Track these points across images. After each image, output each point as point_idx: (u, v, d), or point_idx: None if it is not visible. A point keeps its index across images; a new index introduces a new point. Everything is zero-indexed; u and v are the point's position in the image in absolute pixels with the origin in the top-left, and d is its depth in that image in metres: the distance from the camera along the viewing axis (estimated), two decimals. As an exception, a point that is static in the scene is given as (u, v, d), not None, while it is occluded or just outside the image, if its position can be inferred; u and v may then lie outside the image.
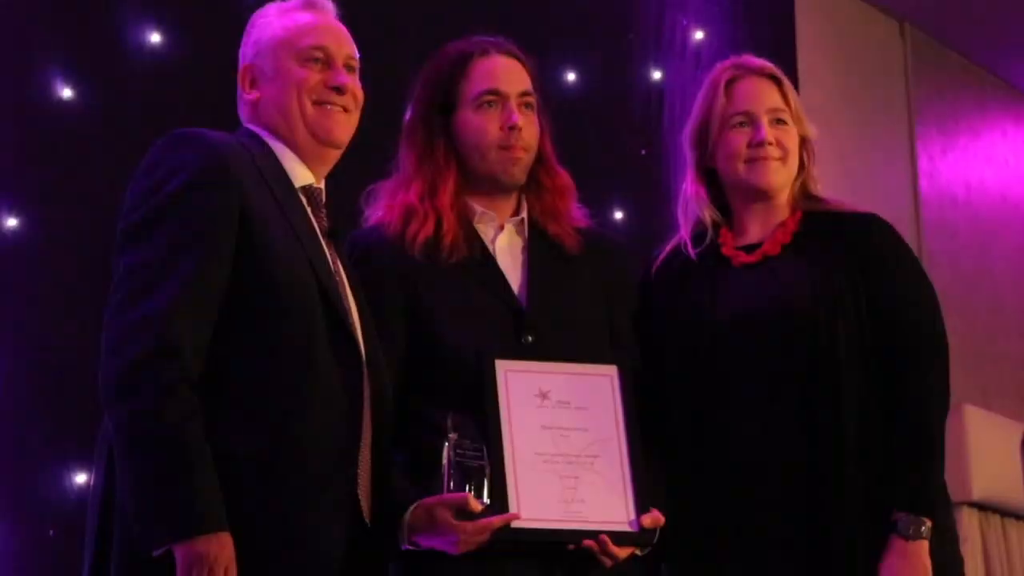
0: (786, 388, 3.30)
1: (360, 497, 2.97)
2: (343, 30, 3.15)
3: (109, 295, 2.85)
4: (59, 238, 3.93)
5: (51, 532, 3.73)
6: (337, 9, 3.16)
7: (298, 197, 3.05)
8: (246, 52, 3.15)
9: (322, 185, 3.13)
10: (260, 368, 2.86)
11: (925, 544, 3.22)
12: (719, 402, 3.34)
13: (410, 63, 3.44)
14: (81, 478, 3.74)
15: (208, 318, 2.83)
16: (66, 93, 4.08)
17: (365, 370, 3.00)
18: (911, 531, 3.21)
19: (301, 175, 3.09)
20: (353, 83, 3.12)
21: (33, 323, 3.87)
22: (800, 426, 3.28)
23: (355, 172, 3.26)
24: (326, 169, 3.14)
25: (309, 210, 3.06)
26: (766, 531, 3.27)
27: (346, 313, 3.00)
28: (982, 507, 5.93)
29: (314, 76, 3.08)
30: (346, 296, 3.04)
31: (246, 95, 3.14)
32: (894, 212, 3.59)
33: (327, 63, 3.09)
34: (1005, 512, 5.95)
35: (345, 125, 3.12)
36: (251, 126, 3.12)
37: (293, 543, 2.82)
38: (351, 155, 3.14)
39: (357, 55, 3.15)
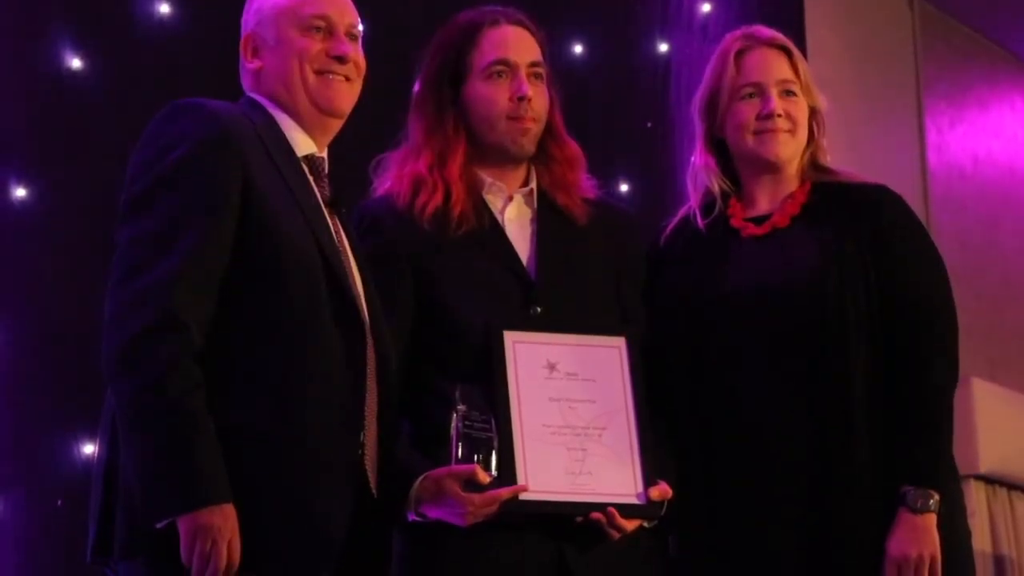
0: (794, 359, 3.27)
1: (366, 468, 2.95)
2: None
3: (111, 267, 2.83)
4: (67, 208, 3.93)
5: (58, 502, 3.72)
6: None
7: (300, 166, 3.03)
8: (248, 21, 3.12)
9: (324, 154, 3.10)
10: (262, 339, 2.84)
11: (933, 517, 3.20)
12: (727, 373, 3.31)
13: (414, 32, 3.42)
14: (88, 449, 3.74)
15: (210, 290, 2.81)
16: (75, 63, 4.06)
17: (369, 340, 2.98)
18: (919, 504, 3.19)
19: (303, 144, 3.06)
20: (355, 52, 3.09)
21: (40, 293, 3.86)
22: (808, 398, 3.26)
23: (358, 141, 3.24)
24: (328, 138, 3.11)
25: (311, 179, 3.04)
26: (773, 503, 3.25)
27: (349, 283, 2.97)
28: (989, 480, 5.94)
29: (316, 45, 3.05)
30: (349, 265, 3.02)
31: (248, 64, 3.12)
32: (902, 185, 3.55)
33: (329, 32, 3.06)
34: (1012, 485, 5.96)
35: (347, 94, 3.09)
36: (253, 95, 3.10)
37: (297, 515, 2.81)
38: (354, 124, 3.12)
39: (359, 24, 3.13)
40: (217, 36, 3.24)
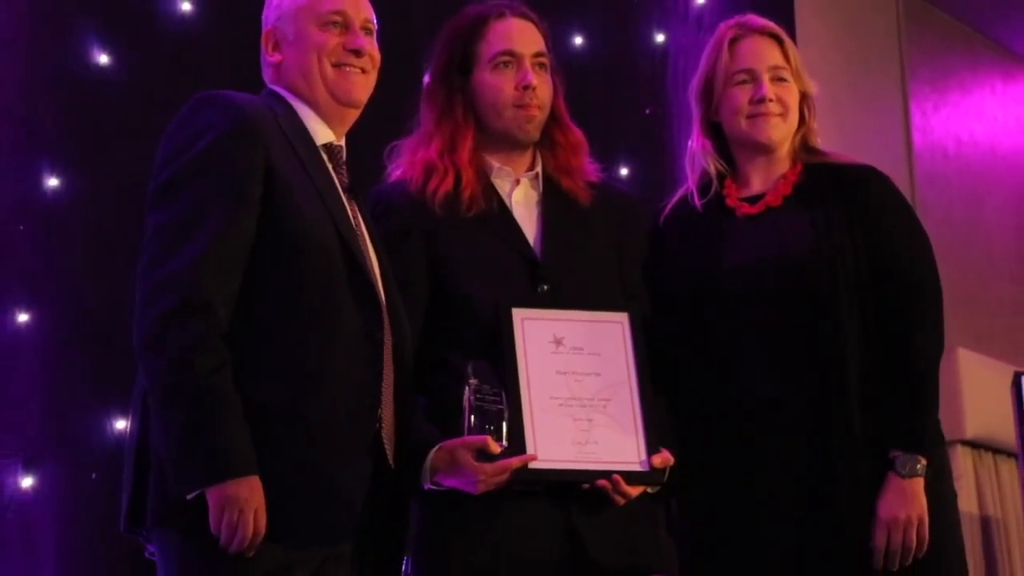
0: (789, 333, 3.28)
1: (383, 440, 2.96)
2: None
3: (141, 250, 2.83)
4: (96, 197, 3.93)
5: (93, 476, 3.71)
6: None
7: (319, 154, 3.04)
8: (268, 17, 3.13)
9: (343, 143, 3.10)
10: (285, 319, 2.85)
11: (920, 481, 3.21)
12: (725, 347, 3.32)
13: (425, 25, 3.42)
14: (120, 425, 3.74)
15: (235, 273, 2.82)
16: (103, 59, 4.06)
17: (386, 319, 2.98)
18: (907, 469, 3.20)
19: (322, 133, 3.07)
20: (370, 46, 3.10)
21: (73, 278, 3.86)
22: (802, 369, 3.26)
23: (374, 130, 3.24)
24: (346, 127, 3.11)
25: (330, 167, 3.05)
26: (772, 468, 3.25)
27: (366, 264, 2.98)
28: (975, 445, 5.93)
29: (333, 39, 3.06)
30: (366, 248, 3.03)
31: (269, 58, 3.12)
32: (888, 165, 3.56)
33: (345, 27, 3.07)
34: (997, 449, 5.95)
35: (363, 85, 3.09)
36: (274, 87, 3.10)
37: (319, 486, 2.82)
38: (370, 113, 3.12)
39: (374, 18, 3.13)
40: (238, 32, 3.25)
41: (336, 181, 3.03)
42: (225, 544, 2.71)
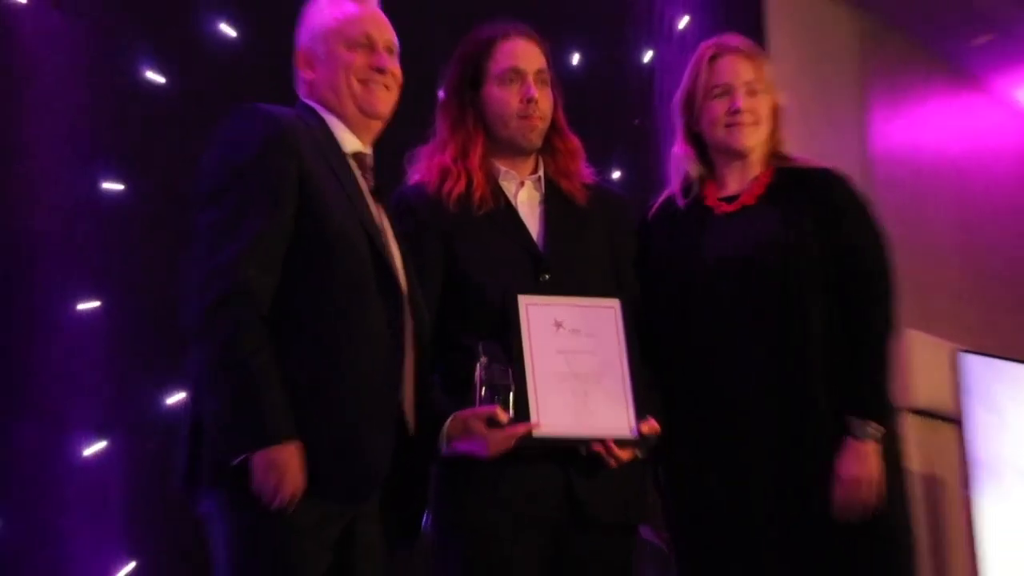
0: (762, 315, 3.28)
1: (405, 412, 2.96)
2: (384, 19, 3.11)
3: (191, 246, 2.84)
4: (148, 200, 3.92)
5: (152, 443, 3.72)
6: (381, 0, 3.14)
7: (348, 161, 3.03)
8: (302, 38, 3.11)
9: (369, 151, 3.09)
10: (318, 306, 2.85)
11: (874, 444, 3.22)
12: (705, 329, 3.32)
13: (439, 47, 3.42)
14: (172, 399, 3.74)
15: (274, 266, 2.82)
16: (155, 76, 4.05)
17: (407, 306, 2.98)
18: (863, 433, 3.21)
19: (351, 143, 3.05)
20: (393, 64, 3.08)
21: (131, 270, 3.86)
22: (773, 348, 3.26)
23: (396, 139, 3.23)
24: (372, 137, 3.10)
25: (358, 172, 3.03)
26: (746, 437, 3.26)
27: (389, 259, 2.97)
28: (921, 413, 5.94)
29: (360, 59, 3.04)
30: (389, 244, 3.02)
31: (302, 75, 3.11)
32: (849, 167, 3.55)
33: (371, 48, 3.05)
34: (940, 417, 5.96)
35: (387, 100, 3.08)
36: (308, 101, 3.09)
37: (349, 451, 2.82)
38: (392, 124, 3.12)
39: (396, 40, 3.12)
40: (274, 53, 3.24)
41: (363, 185, 3.02)
42: (267, 502, 2.71)
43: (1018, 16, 6.62)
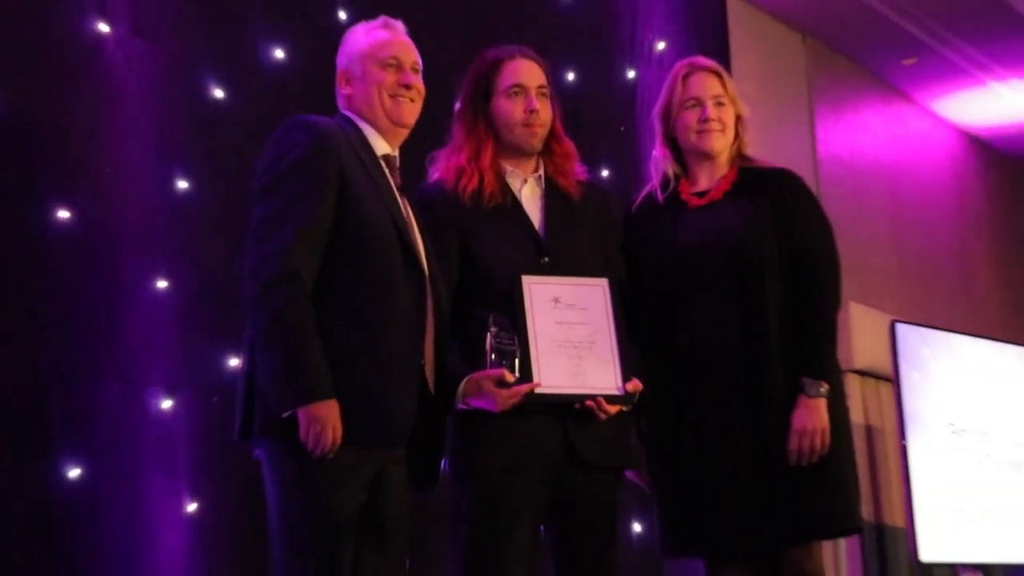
0: (728, 294, 3.25)
1: (426, 373, 2.95)
2: (410, 43, 3.10)
3: (248, 234, 2.84)
4: (214, 195, 3.91)
5: (215, 399, 3.71)
6: (407, 28, 3.13)
7: (379, 163, 3.01)
8: (341, 60, 3.10)
9: (396, 153, 3.07)
10: (355, 286, 2.84)
11: (823, 400, 3.20)
12: (681, 305, 3.29)
13: (455, 66, 3.41)
14: (233, 362, 3.73)
15: (317, 251, 2.81)
16: (219, 93, 4.04)
17: (428, 286, 2.97)
18: (813, 391, 3.19)
19: (381, 147, 3.04)
20: (417, 81, 3.07)
21: (198, 253, 3.86)
22: (738, 320, 3.24)
23: (419, 143, 3.23)
24: (399, 142, 3.08)
25: (387, 172, 3.02)
26: (714, 393, 3.24)
27: (414, 246, 2.96)
28: (862, 373, 5.94)
29: (390, 77, 3.03)
30: (414, 233, 3.00)
31: (342, 90, 3.09)
32: (800, 168, 3.54)
33: (399, 67, 3.04)
34: (878, 376, 5.96)
35: (412, 111, 3.06)
36: (346, 112, 3.07)
37: (380, 406, 2.82)
38: (416, 132, 3.11)
39: (420, 61, 3.10)
40: (319, 72, 3.24)
41: (392, 183, 3.01)
42: (311, 449, 2.71)
43: (937, 43, 6.62)
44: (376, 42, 3.05)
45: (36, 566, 3.35)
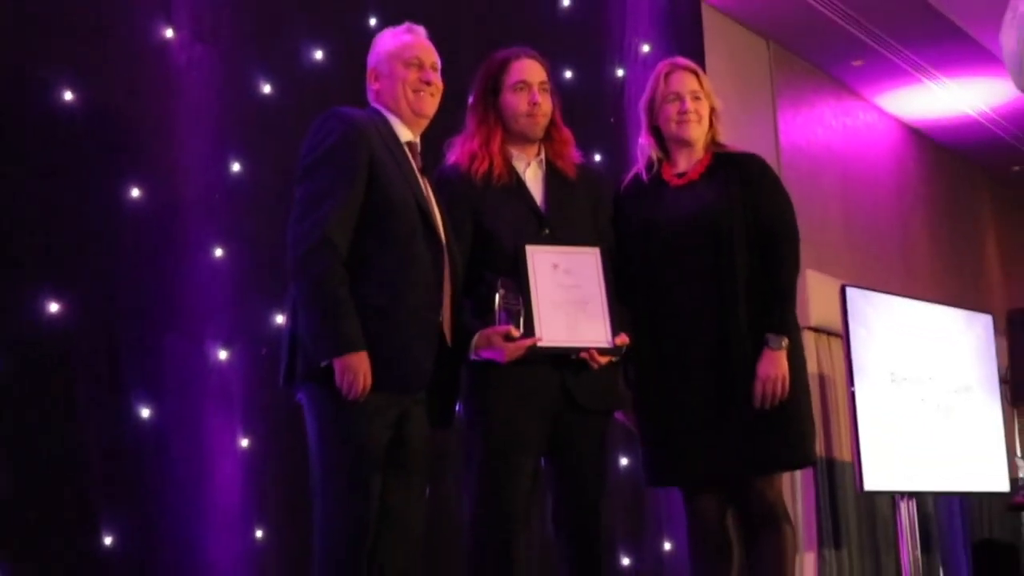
0: (703, 261, 3.21)
1: (443, 329, 2.93)
2: (431, 45, 3.07)
3: (291, 210, 2.83)
4: (262, 175, 3.88)
5: (264, 350, 3.69)
6: (427, 32, 3.10)
7: (403, 148, 2.97)
8: (371, 60, 3.07)
9: (418, 140, 3.04)
10: (382, 254, 2.82)
11: (784, 352, 3.16)
12: (662, 270, 3.24)
13: (467, 65, 3.37)
14: (279, 319, 3.70)
15: (350, 224, 2.80)
16: (267, 89, 3.99)
17: (445, 255, 2.95)
18: (775, 344, 3.15)
19: (405, 135, 3.00)
20: (436, 78, 3.03)
21: (249, 226, 3.83)
22: (711, 283, 3.20)
23: (438, 131, 3.19)
24: (420, 130, 3.05)
25: (410, 156, 2.99)
26: (690, 347, 3.20)
27: (433, 220, 2.93)
28: (816, 329, 5.93)
29: (413, 74, 3.00)
30: (433, 208, 2.97)
31: (371, 86, 3.06)
32: (764, 154, 3.49)
33: (420, 66, 3.01)
34: (829, 333, 5.94)
35: (432, 104, 3.03)
36: (375, 105, 3.04)
37: (404, 356, 2.80)
38: (435, 122, 3.08)
39: (439, 61, 3.07)
40: (353, 70, 3.20)
41: (415, 166, 2.98)
42: (345, 394, 2.70)
43: (881, 47, 6.56)
44: (401, 44, 3.02)
45: (112, 492, 3.34)
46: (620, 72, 5.20)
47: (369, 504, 2.73)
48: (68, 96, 3.42)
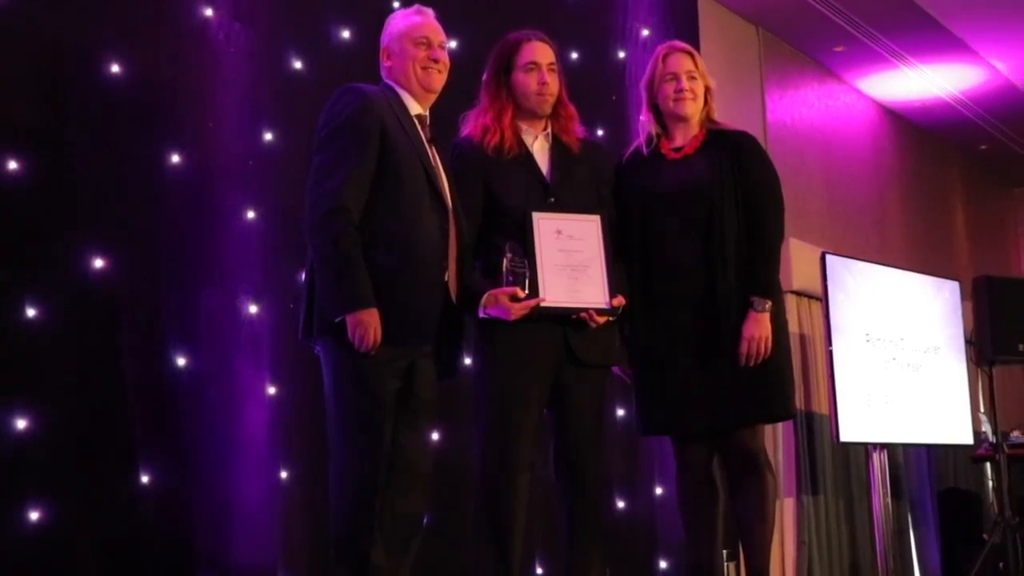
0: (696, 229, 3.13)
1: (449, 287, 2.86)
2: (438, 26, 2.98)
3: (308, 177, 2.77)
4: (289, 147, 3.81)
5: (291, 305, 3.64)
6: (436, 13, 3.02)
7: (413, 120, 2.89)
8: (384, 39, 2.98)
9: (426, 113, 2.95)
10: (392, 217, 2.74)
11: (767, 314, 3.09)
12: (659, 238, 3.15)
13: (477, 46, 3.28)
14: (301, 276, 3.62)
15: (363, 190, 2.73)
16: (298, 65, 3.92)
17: (451, 217, 2.87)
18: (760, 307, 3.08)
19: (414, 108, 2.92)
20: (444, 56, 2.95)
21: (281, 191, 3.77)
22: (702, 248, 3.12)
23: (451, 106, 3.11)
24: (428, 104, 2.96)
25: (419, 127, 2.90)
26: (682, 305, 3.13)
27: (440, 185, 2.86)
28: (798, 293, 5.85)
29: (422, 52, 2.92)
30: (440, 176, 2.90)
31: (384, 63, 2.97)
32: (753, 131, 3.41)
33: (429, 45, 2.92)
34: (810, 296, 5.86)
35: (439, 80, 2.95)
36: (387, 81, 2.96)
37: (412, 313, 2.74)
38: (447, 97, 3.01)
39: (446, 39, 2.99)
40: (371, 49, 3.10)
41: (423, 136, 2.89)
42: (357, 347, 2.65)
43: (861, 35, 6.46)
44: (411, 25, 2.95)
45: (151, 436, 3.30)
46: (622, 54, 5.10)
47: (380, 448, 2.68)
48: (116, 69, 3.36)
